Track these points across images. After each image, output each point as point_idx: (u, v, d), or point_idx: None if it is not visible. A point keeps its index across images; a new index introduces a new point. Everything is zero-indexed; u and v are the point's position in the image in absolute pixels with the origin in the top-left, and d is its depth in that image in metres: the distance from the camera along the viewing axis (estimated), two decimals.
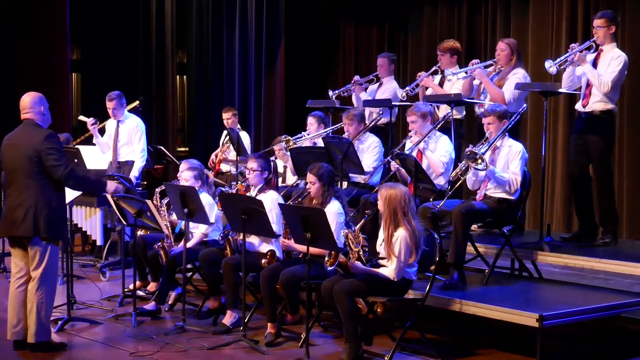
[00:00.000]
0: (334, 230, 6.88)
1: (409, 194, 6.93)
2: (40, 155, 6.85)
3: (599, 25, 8.25)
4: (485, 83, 8.89)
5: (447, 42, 9.85)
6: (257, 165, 8.05)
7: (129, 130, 10.74)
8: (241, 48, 14.51)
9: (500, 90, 8.76)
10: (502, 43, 9.03)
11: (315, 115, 9.95)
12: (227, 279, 7.73)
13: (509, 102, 8.64)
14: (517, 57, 8.91)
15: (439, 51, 9.82)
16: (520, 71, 8.86)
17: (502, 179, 7.66)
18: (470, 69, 9.06)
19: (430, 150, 8.41)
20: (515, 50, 8.93)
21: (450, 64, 9.72)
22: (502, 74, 8.94)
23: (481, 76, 8.93)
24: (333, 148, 8.76)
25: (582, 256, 7.84)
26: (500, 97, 8.70)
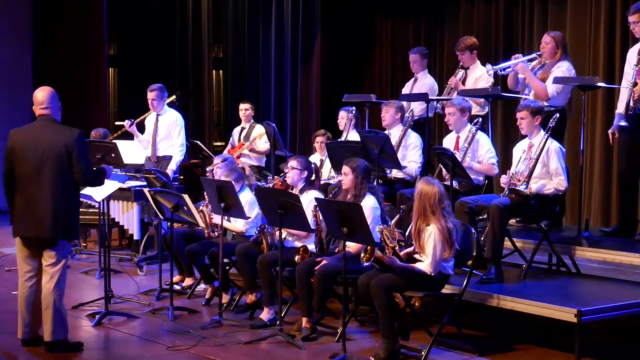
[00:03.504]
0: (370, 225, 6.86)
1: (443, 193, 6.87)
2: (72, 154, 6.70)
3: (634, 20, 8.16)
4: (528, 76, 8.79)
5: (463, 42, 9.85)
6: (297, 163, 8.08)
7: (168, 125, 10.79)
8: (277, 42, 14.54)
9: (543, 84, 8.64)
10: (547, 36, 8.89)
11: (346, 110, 10.08)
12: (263, 276, 7.76)
13: (552, 95, 8.52)
14: (562, 51, 8.76)
15: (458, 51, 9.87)
16: (565, 64, 8.68)
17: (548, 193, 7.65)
18: (513, 63, 8.99)
19: (474, 162, 8.37)
20: (561, 43, 8.80)
21: (471, 60, 9.78)
22: (546, 67, 8.81)
23: (523, 70, 8.84)
24: (370, 142, 8.76)
25: (620, 251, 7.78)
26: (543, 91, 8.59)
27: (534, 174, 7.60)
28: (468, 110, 8.55)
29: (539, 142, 7.68)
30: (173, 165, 10.62)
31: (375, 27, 14.65)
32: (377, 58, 14.63)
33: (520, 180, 7.55)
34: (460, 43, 9.88)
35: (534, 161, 7.58)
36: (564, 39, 8.95)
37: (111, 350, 7.28)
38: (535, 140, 7.75)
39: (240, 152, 11.31)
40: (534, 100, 8.15)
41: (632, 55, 8.28)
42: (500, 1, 12.65)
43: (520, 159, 7.77)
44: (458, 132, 8.59)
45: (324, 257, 7.46)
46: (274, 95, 14.41)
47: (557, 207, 8.01)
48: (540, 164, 7.62)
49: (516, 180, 7.58)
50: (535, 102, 8.04)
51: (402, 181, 9.10)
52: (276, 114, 14.14)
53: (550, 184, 7.63)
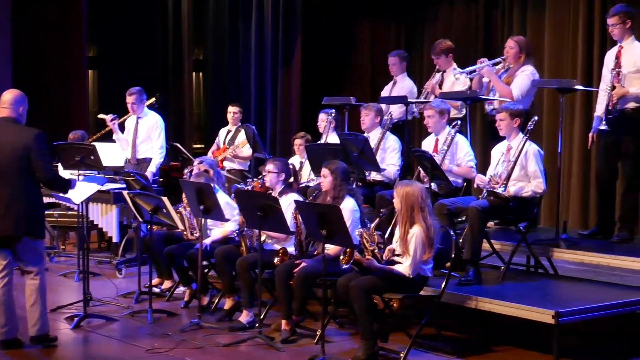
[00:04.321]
0: (349, 227, 6.88)
1: (426, 191, 6.98)
2: (30, 154, 6.82)
3: (613, 23, 8.23)
4: (493, 80, 8.90)
5: (438, 45, 9.90)
6: (274, 166, 8.10)
7: (149, 127, 10.75)
8: (257, 45, 14.50)
9: (508, 87, 8.74)
10: (511, 41, 9.05)
11: (326, 112, 10.11)
12: (242, 278, 7.76)
13: (517, 99, 8.62)
14: (525, 55, 8.90)
15: (434, 55, 9.93)
16: (529, 68, 8.83)
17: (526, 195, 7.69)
18: (478, 67, 9.08)
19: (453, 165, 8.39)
20: (524, 47, 8.93)
21: (448, 63, 9.84)
22: (510, 71, 8.93)
23: (489, 74, 8.95)
24: (349, 145, 8.76)
25: (598, 253, 7.83)
26: (508, 94, 8.68)
27: (512, 176, 7.63)
28: (447, 113, 8.58)
29: (517, 144, 7.71)
30: (153, 167, 10.59)
31: (356, 30, 14.64)
32: (357, 61, 14.61)
33: (498, 183, 7.58)
34: (436, 47, 9.93)
35: (512, 164, 7.61)
36: (527, 43, 9.12)
37: (90, 352, 7.25)
38: (514, 142, 7.79)
39: (225, 155, 11.33)
40: (514, 103, 8.19)
41: (610, 58, 8.35)
42: (479, 5, 12.68)
43: (499, 161, 7.81)
44: (437, 135, 8.61)
45: (303, 260, 7.47)
46: (254, 97, 14.39)
47: (535, 209, 8.07)
48: (518, 166, 7.66)
49: (494, 182, 7.62)
50: (516, 105, 8.07)
51: (381, 183, 9.09)
52: (256, 116, 14.12)
53: (528, 187, 7.67)
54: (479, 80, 9.16)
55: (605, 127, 8.10)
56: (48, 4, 13.86)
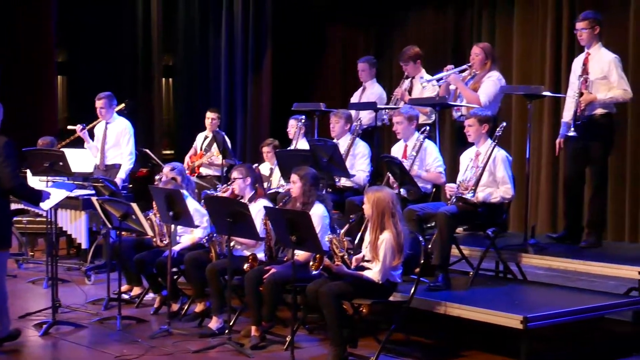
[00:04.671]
0: (319, 233, 6.89)
1: (396, 197, 6.98)
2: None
3: (582, 27, 8.30)
4: (461, 87, 8.97)
5: (406, 52, 9.93)
6: (238, 173, 8.13)
7: (117, 133, 10.68)
8: (227, 51, 14.50)
9: (475, 94, 8.82)
10: (477, 47, 9.13)
11: (296, 118, 10.15)
12: (211, 285, 7.75)
13: (485, 105, 8.70)
14: (491, 61, 8.99)
15: (402, 62, 9.96)
16: (495, 74, 8.92)
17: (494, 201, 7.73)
18: (445, 75, 9.14)
19: (422, 171, 8.43)
20: (490, 54, 9.02)
21: (416, 70, 9.87)
22: (476, 77, 9.00)
23: (456, 81, 9.02)
24: (319, 151, 8.77)
25: (566, 258, 7.87)
26: (476, 101, 8.75)
27: (480, 182, 7.66)
28: (415, 119, 8.61)
29: (485, 150, 7.75)
30: (122, 174, 10.54)
31: (325, 37, 14.68)
32: (326, 67, 14.65)
33: (467, 188, 7.61)
34: (404, 54, 9.96)
35: (481, 169, 7.65)
36: (492, 50, 9.20)
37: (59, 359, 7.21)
38: (482, 148, 7.83)
39: (201, 162, 11.33)
40: (483, 109, 8.23)
41: (577, 65, 8.43)
42: (449, 11, 12.76)
43: (467, 167, 7.84)
44: (406, 141, 8.64)
45: (273, 266, 7.46)
46: (224, 103, 14.37)
47: (504, 215, 8.10)
48: (487, 172, 7.70)
49: (463, 188, 7.65)
50: (484, 111, 8.11)
51: (351, 189, 9.12)
52: (227, 123, 14.09)
53: (497, 192, 7.71)
54: (447, 87, 9.22)
55: (573, 134, 8.16)
56: (17, 9, 13.76)
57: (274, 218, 7.18)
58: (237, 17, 14.42)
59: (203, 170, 11.45)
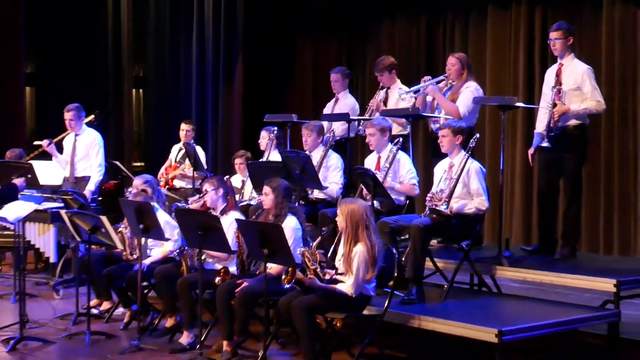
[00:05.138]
0: (291, 246, 6.87)
1: (369, 209, 6.97)
2: None
3: (556, 37, 8.32)
4: (439, 99, 8.98)
5: (381, 62, 9.90)
6: (209, 185, 8.09)
7: (87, 145, 10.60)
8: (199, 61, 14.42)
9: (454, 105, 8.84)
10: (452, 58, 9.14)
11: (267, 130, 10.11)
12: (182, 299, 7.71)
13: (464, 115, 8.73)
14: (467, 71, 9.03)
15: (377, 72, 9.91)
16: (472, 84, 8.96)
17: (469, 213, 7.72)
18: (422, 86, 9.13)
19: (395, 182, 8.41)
20: (466, 64, 9.06)
21: (391, 80, 9.85)
22: (454, 88, 9.02)
23: (434, 92, 9.04)
24: (291, 162, 8.74)
25: (541, 270, 7.85)
26: (454, 111, 8.78)
27: (454, 193, 7.64)
28: (388, 130, 8.59)
29: (459, 161, 7.74)
30: (91, 186, 10.45)
31: (297, 47, 14.64)
32: (299, 78, 14.60)
33: (441, 200, 7.59)
34: (379, 64, 9.93)
35: (455, 181, 7.63)
36: (468, 60, 9.23)
37: None
38: (456, 160, 7.81)
39: (174, 174, 11.28)
40: (457, 121, 8.25)
41: (550, 76, 8.45)
42: (421, 21, 12.74)
43: (441, 179, 7.82)
44: (379, 152, 8.62)
45: (245, 279, 7.41)
46: (195, 114, 14.27)
47: (478, 227, 8.09)
48: (460, 183, 7.68)
49: (437, 200, 7.63)
50: (458, 122, 8.13)
51: (324, 202, 9.09)
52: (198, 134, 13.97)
53: (471, 204, 7.70)
54: (423, 98, 9.22)
55: (547, 144, 8.17)
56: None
57: (245, 230, 7.18)
58: (208, 28, 14.36)
59: (177, 183, 11.45)
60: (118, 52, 14.99)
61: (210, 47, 14.30)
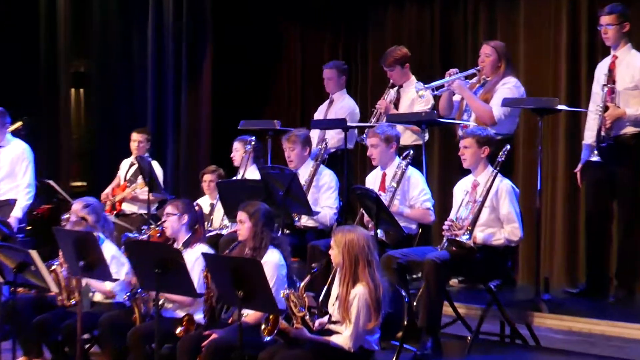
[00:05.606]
0: (273, 287, 6.87)
1: (372, 240, 6.94)
2: None
3: (608, 23, 8.37)
4: (468, 97, 8.98)
5: (392, 54, 10.01)
6: (173, 208, 8.10)
7: (12, 159, 10.60)
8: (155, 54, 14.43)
9: (488, 106, 8.84)
10: (487, 47, 9.13)
11: (242, 140, 10.11)
12: (134, 353, 7.69)
13: (499, 119, 8.75)
14: (505, 64, 9.04)
15: (386, 67, 10.02)
16: (512, 80, 8.97)
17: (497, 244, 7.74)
18: (447, 81, 9.12)
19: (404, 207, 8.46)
20: (504, 55, 9.06)
21: (404, 77, 9.96)
22: (488, 85, 9.03)
23: (462, 89, 9.02)
24: (273, 181, 8.77)
25: (590, 318, 7.89)
26: (487, 115, 8.79)
27: (479, 220, 7.68)
28: (395, 140, 8.64)
29: (485, 180, 7.78)
30: (18, 211, 10.43)
31: (282, 37, 14.66)
32: (283, 75, 14.61)
33: (462, 229, 7.61)
34: (388, 56, 9.96)
35: (480, 204, 7.66)
36: (507, 50, 9.24)
37: None
38: (481, 177, 7.85)
39: (123, 196, 11.28)
40: (483, 129, 8.26)
41: (601, 71, 8.50)
42: (436, 5, 12.75)
43: (463, 202, 7.84)
44: (384, 169, 8.67)
45: (214, 330, 7.40)
46: (151, 120, 14.27)
47: (510, 262, 8.10)
48: (487, 208, 7.72)
49: (457, 228, 7.65)
50: (485, 129, 8.16)
51: (314, 230, 9.17)
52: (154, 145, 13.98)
53: (500, 233, 7.72)
54: (448, 97, 9.20)
55: (597, 158, 8.19)
56: None
57: (215, 268, 7.16)
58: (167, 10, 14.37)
59: (127, 207, 11.39)
60: (53, 42, 14.98)
61: (169, 35, 14.32)
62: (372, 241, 6.91)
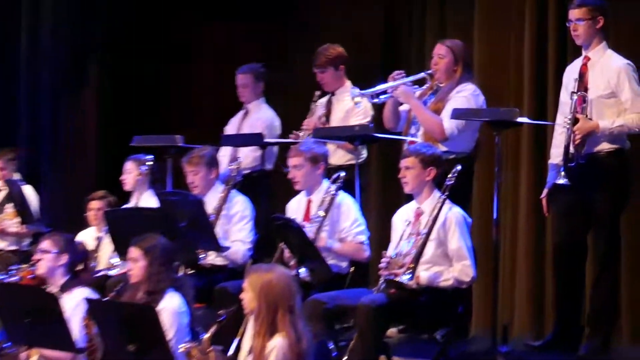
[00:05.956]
0: (171, 340, 6.87)
1: (294, 281, 6.91)
2: None
3: (578, 17, 8.36)
4: (414, 107, 8.97)
5: (324, 53, 10.07)
6: (50, 244, 8.04)
7: None
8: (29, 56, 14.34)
9: (437, 118, 8.81)
10: (442, 46, 9.11)
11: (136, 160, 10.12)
12: None
13: (452, 134, 8.71)
14: (463, 67, 9.02)
15: (317, 68, 10.05)
16: (469, 87, 8.96)
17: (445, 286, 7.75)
18: (390, 87, 9.09)
19: (333, 240, 8.49)
20: (461, 56, 9.05)
21: (338, 81, 9.99)
22: (441, 92, 9.03)
23: (407, 96, 9.01)
24: (174, 210, 8.74)
25: None
26: (437, 128, 8.77)
27: (424, 256, 7.67)
28: (323, 160, 8.66)
29: (431, 208, 7.79)
30: None
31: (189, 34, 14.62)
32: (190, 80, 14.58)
33: (403, 267, 7.59)
34: (320, 55, 9.98)
35: (424, 237, 7.66)
36: (466, 51, 9.23)
37: None
38: (426, 205, 7.88)
39: None
40: (430, 146, 8.29)
41: (570, 76, 8.47)
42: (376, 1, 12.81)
43: (404, 235, 7.84)
44: (309, 194, 8.71)
45: None
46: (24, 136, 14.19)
47: (461, 307, 8.08)
48: (433, 241, 7.73)
49: (397, 266, 7.63)
50: (431, 147, 8.19)
51: (224, 270, 9.17)
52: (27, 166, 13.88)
53: (449, 272, 7.73)
54: (394, 107, 9.21)
55: (564, 181, 8.18)
56: None
57: (101, 316, 7.15)
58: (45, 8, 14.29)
59: None
60: None
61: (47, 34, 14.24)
62: (294, 283, 6.89)
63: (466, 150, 8.79)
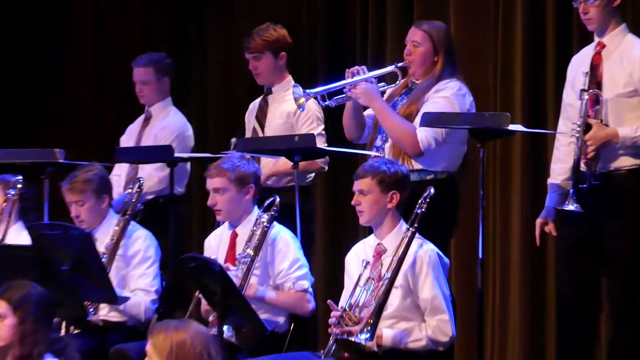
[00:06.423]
0: None
1: (214, 342, 6.75)
2: None
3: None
4: (379, 111, 8.90)
5: (261, 35, 10.06)
6: None
7: None
8: None
9: (409, 125, 8.70)
10: (417, 31, 9.05)
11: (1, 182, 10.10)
12: None
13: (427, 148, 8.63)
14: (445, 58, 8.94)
15: (249, 53, 10.03)
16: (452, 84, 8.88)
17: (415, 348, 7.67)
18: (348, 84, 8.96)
19: (266, 288, 8.46)
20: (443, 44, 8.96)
21: (275, 72, 10.00)
22: (416, 91, 8.98)
23: (370, 97, 8.92)
24: (52, 249, 8.57)
25: None
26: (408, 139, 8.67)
27: (387, 309, 7.58)
28: (253, 181, 8.55)
29: (396, 244, 7.67)
30: None
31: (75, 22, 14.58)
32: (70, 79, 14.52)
33: (360, 323, 7.45)
34: (255, 37, 10.01)
35: (387, 283, 7.51)
36: (448, 36, 9.16)
37: None
38: (390, 240, 7.81)
39: None
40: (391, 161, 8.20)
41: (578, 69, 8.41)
42: None
43: (361, 280, 7.71)
44: (235, 226, 8.67)
45: None
46: None
47: None
48: (399, 289, 7.64)
49: (352, 322, 7.49)
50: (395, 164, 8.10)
51: (121, 328, 9.11)
52: None
53: (420, 331, 7.64)
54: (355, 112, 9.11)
55: (574, 207, 8.11)
56: None
57: None
58: None
59: None
60: None
61: None
62: (213, 344, 6.73)
63: (448, 168, 8.71)
